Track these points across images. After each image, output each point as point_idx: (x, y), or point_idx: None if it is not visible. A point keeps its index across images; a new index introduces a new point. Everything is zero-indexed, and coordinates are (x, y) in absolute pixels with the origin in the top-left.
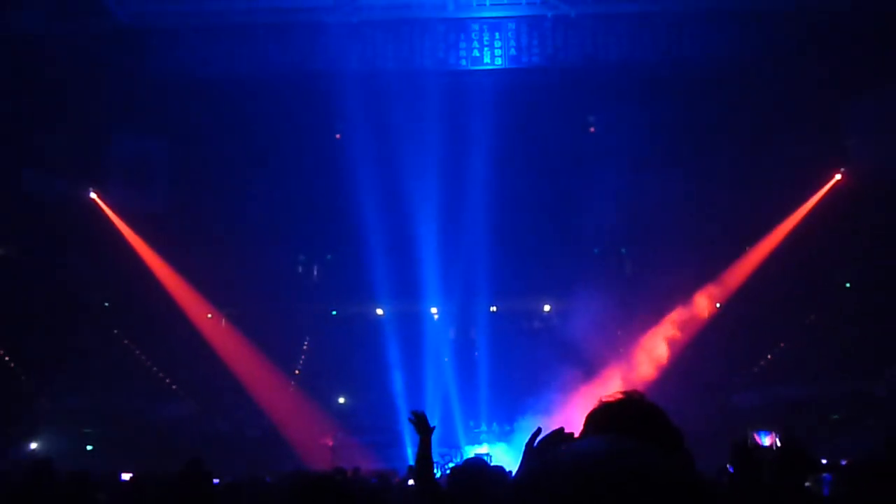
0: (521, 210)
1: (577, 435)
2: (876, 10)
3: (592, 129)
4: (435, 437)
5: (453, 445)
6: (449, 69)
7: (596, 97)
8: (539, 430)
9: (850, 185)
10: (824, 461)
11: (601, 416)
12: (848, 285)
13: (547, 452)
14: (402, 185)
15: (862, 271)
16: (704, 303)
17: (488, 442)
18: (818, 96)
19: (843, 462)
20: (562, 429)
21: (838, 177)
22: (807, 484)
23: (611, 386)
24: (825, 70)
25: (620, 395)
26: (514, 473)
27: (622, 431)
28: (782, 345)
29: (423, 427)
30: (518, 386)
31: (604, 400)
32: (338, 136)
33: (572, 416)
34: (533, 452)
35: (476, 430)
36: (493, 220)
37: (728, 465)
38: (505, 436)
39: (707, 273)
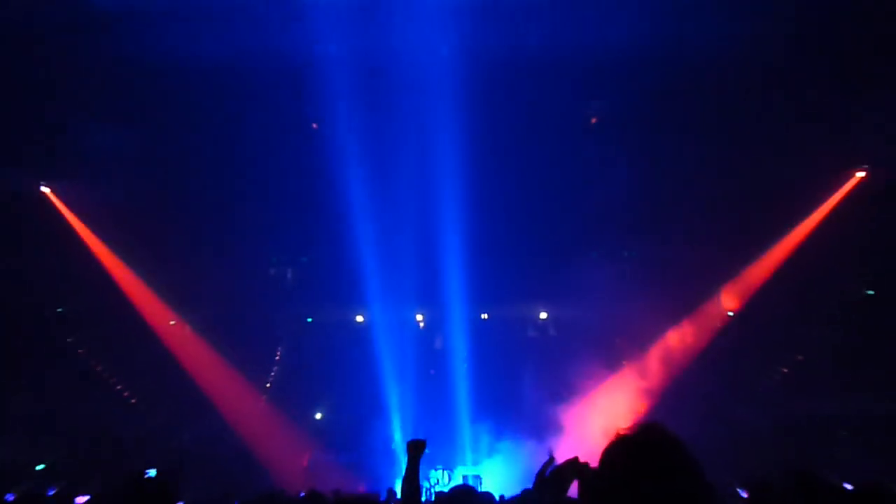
0: (513, 212)
1: (591, 465)
2: None
3: (594, 120)
4: (423, 456)
5: (444, 465)
6: (435, 57)
7: (595, 89)
8: (552, 459)
9: (872, 186)
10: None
11: (618, 453)
12: (871, 292)
13: (557, 486)
14: (385, 182)
15: (882, 280)
16: (718, 310)
17: (479, 461)
18: (839, 91)
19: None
20: (576, 458)
21: (860, 174)
22: None
23: (625, 385)
24: (846, 63)
25: (638, 429)
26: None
27: (640, 470)
28: (800, 358)
29: (413, 447)
30: (512, 398)
31: (621, 433)
32: (314, 125)
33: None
34: (544, 484)
35: (464, 451)
36: (483, 222)
37: (739, 489)
38: (497, 453)
39: (719, 279)
